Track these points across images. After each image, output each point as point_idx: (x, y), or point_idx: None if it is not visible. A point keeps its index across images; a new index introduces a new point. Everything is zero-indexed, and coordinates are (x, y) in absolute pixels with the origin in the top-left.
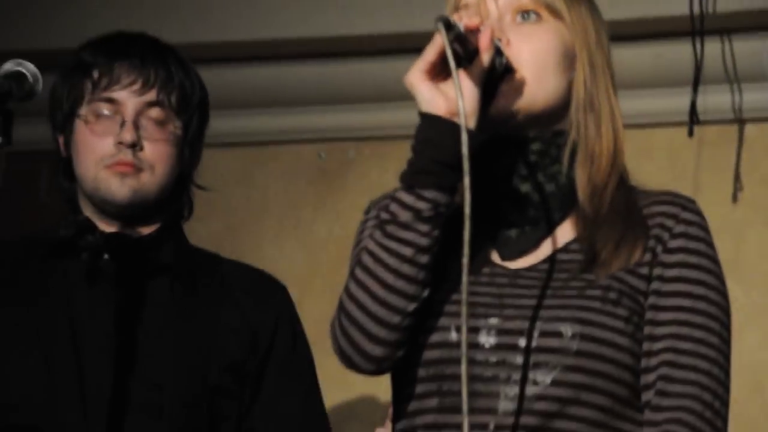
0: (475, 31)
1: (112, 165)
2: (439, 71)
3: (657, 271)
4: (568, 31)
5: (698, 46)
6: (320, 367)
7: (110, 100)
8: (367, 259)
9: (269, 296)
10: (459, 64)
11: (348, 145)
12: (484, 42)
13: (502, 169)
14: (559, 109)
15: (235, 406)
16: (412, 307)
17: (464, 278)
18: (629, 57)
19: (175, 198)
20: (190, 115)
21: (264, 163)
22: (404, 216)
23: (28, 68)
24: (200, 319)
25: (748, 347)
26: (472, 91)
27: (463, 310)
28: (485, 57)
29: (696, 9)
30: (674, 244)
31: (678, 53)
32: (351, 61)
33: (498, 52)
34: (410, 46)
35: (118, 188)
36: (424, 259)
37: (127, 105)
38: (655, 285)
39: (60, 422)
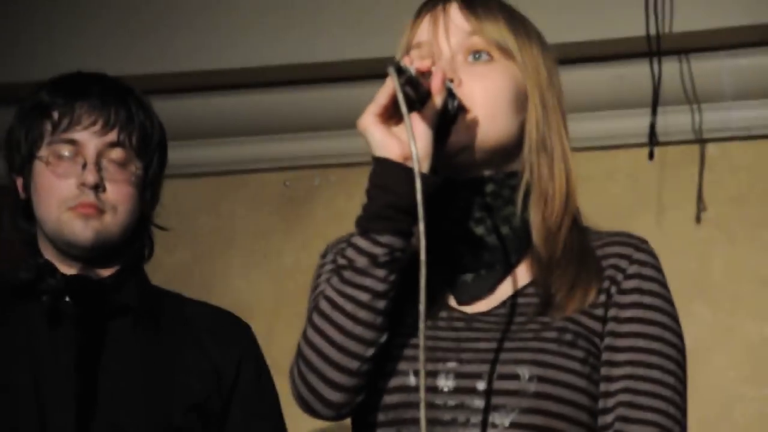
0: (426, 74)
1: (75, 207)
2: (392, 114)
3: (612, 312)
4: (520, 72)
5: (656, 66)
6: (291, 397)
7: (71, 141)
8: (324, 305)
9: (233, 336)
10: (412, 107)
11: (313, 173)
12: (436, 84)
13: (457, 211)
14: (512, 149)
15: None
16: (370, 352)
17: (421, 325)
18: (589, 78)
19: (136, 238)
20: (151, 155)
21: (230, 192)
22: (360, 261)
23: None
24: (163, 360)
25: (715, 367)
26: (425, 134)
27: (421, 356)
28: (437, 99)
29: (653, 30)
30: (628, 284)
31: (637, 74)
32: (315, 89)
33: (450, 93)
34: (373, 72)
35: (82, 230)
36: (381, 304)
37: (88, 146)
38: (611, 326)
39: None
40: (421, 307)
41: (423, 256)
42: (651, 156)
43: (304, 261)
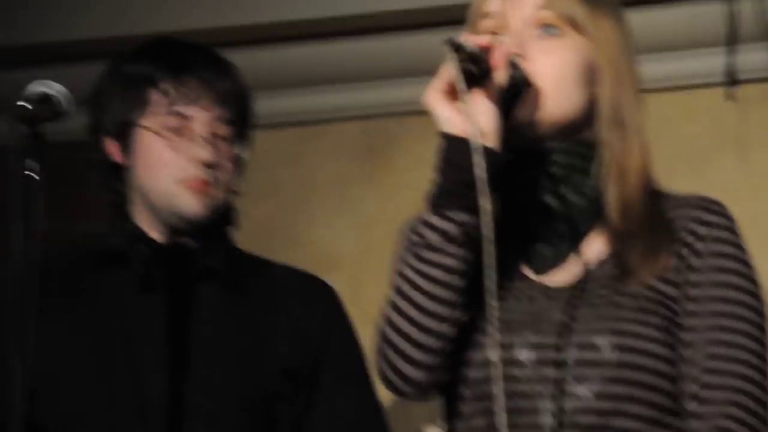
0: (489, 49)
1: (188, 182)
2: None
3: (687, 276)
4: (591, 46)
5: (732, 5)
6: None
7: (180, 115)
8: (401, 283)
9: (319, 299)
10: (475, 82)
11: (392, 121)
12: (497, 60)
13: (528, 182)
14: (581, 121)
15: (290, 411)
16: (450, 330)
17: (491, 302)
18: (664, 19)
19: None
20: (249, 129)
21: (311, 142)
22: (433, 238)
23: (54, 88)
24: (252, 324)
25: None
26: (489, 109)
27: (492, 337)
28: (500, 74)
29: None
30: (703, 248)
31: (712, 13)
32: (391, 37)
33: (514, 67)
34: (448, 18)
35: (194, 205)
36: (456, 280)
37: (199, 121)
38: (687, 290)
39: (119, 431)
40: (487, 282)
41: (487, 233)
42: (729, 96)
43: (387, 209)
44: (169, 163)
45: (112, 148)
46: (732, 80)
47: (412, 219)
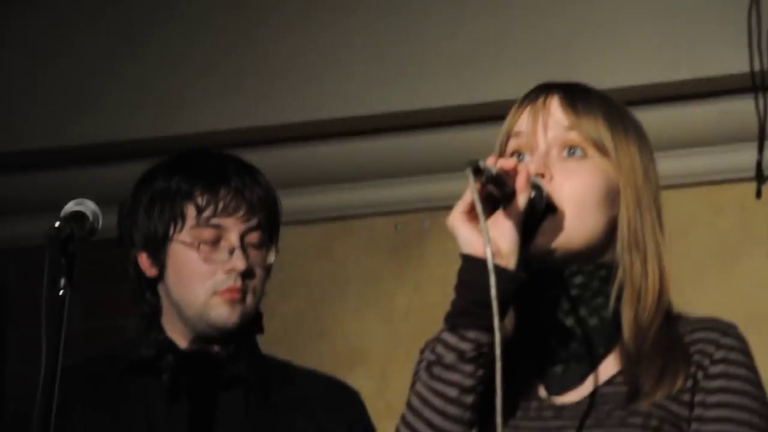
0: (513, 172)
1: (222, 292)
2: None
3: (698, 397)
4: (614, 169)
5: (761, 102)
6: None
7: (217, 227)
8: (414, 401)
9: (342, 404)
10: (497, 204)
11: (423, 216)
12: (520, 183)
13: (547, 303)
14: (601, 245)
15: None
16: None
17: (498, 419)
18: (695, 115)
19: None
20: (278, 232)
21: (342, 237)
22: (449, 357)
23: (88, 207)
24: (275, 430)
25: None
26: (509, 231)
27: None
28: (521, 198)
29: (757, 66)
30: (715, 370)
31: (743, 110)
32: (421, 134)
33: (537, 190)
34: (477, 116)
35: (229, 315)
36: (469, 399)
37: (233, 231)
38: (698, 411)
39: None
40: (498, 400)
41: (498, 351)
42: (759, 194)
43: (416, 303)
44: (205, 276)
45: (143, 262)
46: (762, 176)
47: (430, 339)
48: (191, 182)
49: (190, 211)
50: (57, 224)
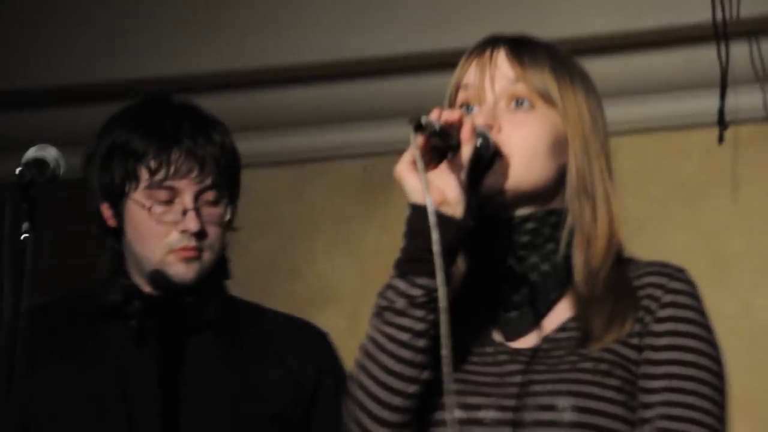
0: (458, 124)
1: (177, 251)
2: (428, 161)
3: (647, 340)
4: (561, 119)
5: (723, 51)
6: None
7: (170, 188)
8: (368, 345)
9: (311, 345)
10: (443, 156)
11: (391, 159)
12: (463, 135)
13: (499, 250)
14: (550, 191)
15: None
16: (412, 389)
17: (446, 369)
18: (660, 63)
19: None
20: (236, 186)
21: (312, 178)
22: (399, 303)
23: (50, 153)
24: (244, 372)
25: None
26: (456, 181)
27: (449, 401)
28: (466, 149)
29: (719, 15)
30: (663, 313)
31: (706, 58)
32: (391, 79)
33: (484, 139)
34: (446, 62)
35: (185, 272)
36: (420, 342)
37: (186, 192)
38: (647, 354)
39: None
40: (444, 351)
41: (443, 304)
42: (721, 139)
43: (385, 243)
44: (160, 235)
45: (105, 211)
46: (724, 122)
47: (382, 285)
48: (145, 143)
49: (143, 173)
50: (18, 170)
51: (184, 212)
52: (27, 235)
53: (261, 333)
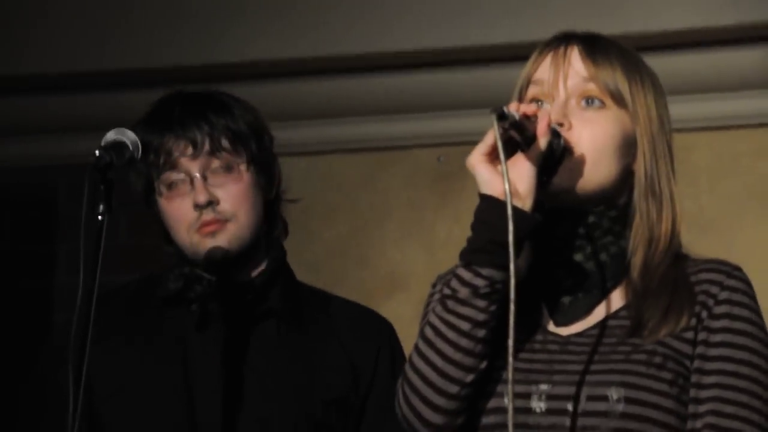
0: (533, 117)
1: (200, 228)
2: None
3: (702, 335)
4: (631, 119)
5: None
6: None
7: (173, 168)
8: (428, 332)
9: (373, 332)
10: (518, 148)
11: (465, 149)
12: (540, 128)
13: (558, 240)
14: (613, 191)
15: None
16: (469, 377)
17: (509, 359)
18: (740, 59)
19: (271, 223)
20: (248, 144)
21: (386, 167)
22: (463, 292)
23: (128, 136)
24: (305, 357)
25: None
26: (528, 174)
27: (510, 391)
28: (542, 142)
29: None
30: (719, 310)
31: None
32: (467, 70)
33: (556, 136)
34: (522, 54)
35: (215, 246)
36: (481, 333)
37: (190, 168)
38: (700, 349)
39: None
40: (510, 341)
41: (512, 294)
42: None
43: (455, 233)
44: (181, 219)
45: (155, 208)
46: None
47: (442, 274)
48: (147, 139)
49: (152, 170)
50: (96, 153)
51: (193, 185)
52: (103, 217)
53: (325, 319)
